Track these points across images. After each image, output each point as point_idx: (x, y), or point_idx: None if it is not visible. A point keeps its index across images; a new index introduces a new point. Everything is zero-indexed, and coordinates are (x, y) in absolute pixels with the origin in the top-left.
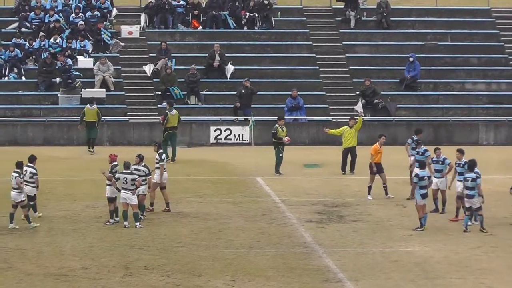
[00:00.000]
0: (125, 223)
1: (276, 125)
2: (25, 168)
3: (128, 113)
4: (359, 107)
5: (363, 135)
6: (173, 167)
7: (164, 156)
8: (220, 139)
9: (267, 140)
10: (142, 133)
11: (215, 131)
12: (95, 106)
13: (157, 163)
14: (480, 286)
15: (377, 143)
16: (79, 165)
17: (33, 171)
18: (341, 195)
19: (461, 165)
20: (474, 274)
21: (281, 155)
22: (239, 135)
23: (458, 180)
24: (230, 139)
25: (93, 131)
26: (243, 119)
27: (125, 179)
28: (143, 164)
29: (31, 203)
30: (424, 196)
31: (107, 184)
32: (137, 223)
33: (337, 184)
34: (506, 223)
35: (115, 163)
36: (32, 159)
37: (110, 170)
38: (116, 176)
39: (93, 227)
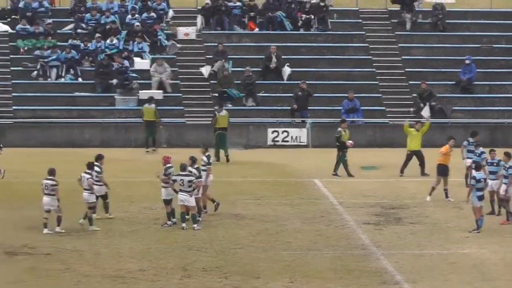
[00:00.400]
0: (183, 225)
1: (339, 129)
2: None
3: (185, 115)
4: (425, 112)
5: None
6: (230, 169)
7: (211, 159)
8: (278, 141)
9: (324, 142)
10: (199, 134)
11: (272, 133)
12: (153, 105)
13: (204, 165)
14: None
15: (447, 145)
16: (137, 166)
17: (98, 169)
18: (398, 197)
19: (506, 168)
20: None
21: (345, 158)
22: (296, 137)
23: (504, 183)
24: (288, 141)
25: (151, 130)
26: (300, 121)
27: (181, 180)
28: (195, 166)
29: (107, 201)
30: (480, 198)
31: (162, 187)
32: (195, 225)
33: (394, 186)
34: None
35: (169, 165)
36: (99, 157)
37: (164, 172)
38: (173, 178)
39: (151, 229)
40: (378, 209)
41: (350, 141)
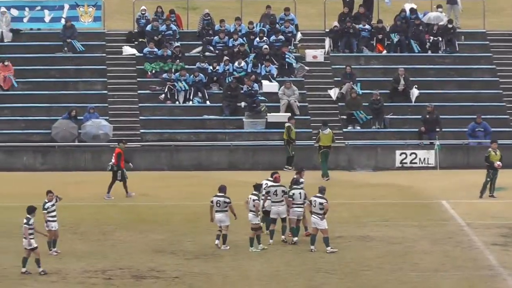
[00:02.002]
0: (312, 247)
1: (489, 149)
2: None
3: (313, 138)
4: None
5: None
6: (359, 191)
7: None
8: (406, 162)
9: (451, 163)
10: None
11: (400, 155)
12: (328, 129)
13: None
14: None
15: None
16: None
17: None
18: None
19: None
20: None
21: (488, 179)
22: (424, 158)
23: None
24: (416, 163)
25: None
26: (428, 143)
27: (315, 202)
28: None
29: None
30: None
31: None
32: (328, 248)
33: None
34: None
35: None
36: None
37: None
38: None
39: (279, 251)
40: (506, 230)
41: (498, 163)
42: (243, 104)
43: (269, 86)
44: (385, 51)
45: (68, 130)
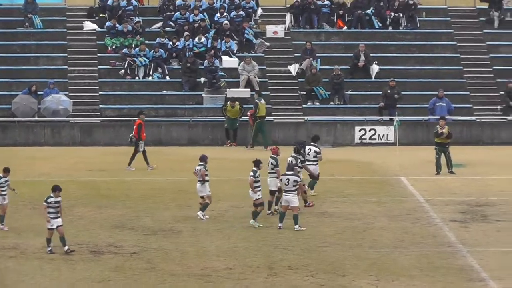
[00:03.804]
0: (280, 224)
1: (437, 126)
2: None
3: (273, 113)
4: None
5: (508, 135)
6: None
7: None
8: (365, 139)
9: (411, 140)
10: (287, 133)
11: (359, 131)
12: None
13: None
14: None
15: None
16: (224, 165)
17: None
18: (484, 194)
19: None
20: None
21: (437, 156)
22: (383, 135)
23: None
24: (375, 139)
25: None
26: (388, 119)
27: (287, 180)
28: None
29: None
30: None
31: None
32: (297, 226)
33: (480, 183)
34: None
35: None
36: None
37: (276, 163)
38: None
39: (237, 227)
40: (465, 206)
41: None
42: (202, 79)
43: (229, 61)
44: (345, 27)
45: (28, 105)
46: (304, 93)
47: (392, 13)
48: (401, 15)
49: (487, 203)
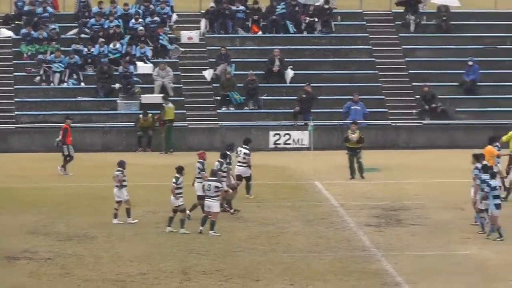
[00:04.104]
0: (201, 228)
1: (349, 130)
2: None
3: (187, 119)
4: None
5: (423, 139)
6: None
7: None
8: (279, 143)
9: (326, 145)
10: (202, 138)
11: (274, 135)
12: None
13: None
14: None
15: (490, 146)
16: (139, 170)
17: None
18: (399, 199)
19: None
20: None
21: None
22: (298, 139)
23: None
24: (289, 144)
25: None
26: (303, 123)
27: (209, 186)
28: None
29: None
30: (498, 206)
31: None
32: (211, 232)
33: (395, 188)
34: None
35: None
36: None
37: (202, 167)
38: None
39: (151, 233)
40: (379, 211)
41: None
42: (117, 85)
43: (143, 67)
44: (260, 32)
45: None
46: (219, 98)
47: (307, 18)
48: (316, 19)
49: (401, 207)
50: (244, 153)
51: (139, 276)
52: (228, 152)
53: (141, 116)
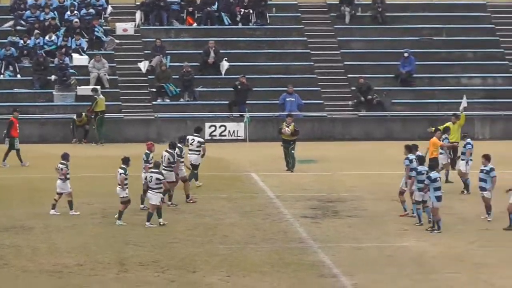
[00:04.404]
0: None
1: (284, 123)
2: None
3: (123, 110)
4: (463, 104)
5: (359, 131)
6: None
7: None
8: (215, 135)
9: (262, 136)
10: (137, 130)
11: (210, 127)
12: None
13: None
14: (476, 281)
15: (435, 138)
16: (75, 162)
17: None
18: (336, 190)
19: (410, 161)
20: (470, 268)
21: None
22: (234, 131)
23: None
24: (225, 135)
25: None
26: (238, 115)
27: (150, 177)
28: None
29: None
30: (439, 198)
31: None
32: (147, 223)
33: (332, 179)
34: (502, 218)
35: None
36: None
37: (146, 158)
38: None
39: (88, 224)
40: (316, 202)
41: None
42: (53, 77)
43: (79, 59)
44: (195, 24)
45: None
46: (154, 90)
47: (242, 10)
48: (251, 11)
49: (338, 199)
50: (199, 141)
51: (76, 267)
52: (180, 145)
53: (75, 118)
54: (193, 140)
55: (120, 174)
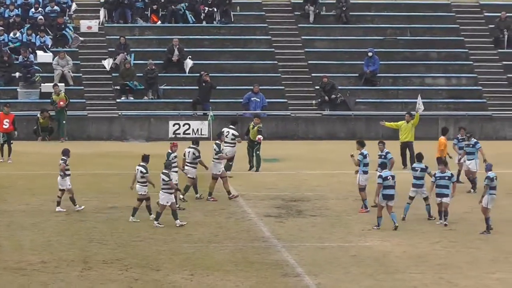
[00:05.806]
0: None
1: (252, 122)
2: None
3: (87, 108)
4: (420, 104)
5: (323, 130)
6: (128, 162)
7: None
8: (179, 133)
9: None
10: (101, 127)
11: (173, 125)
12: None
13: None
14: (439, 281)
15: (443, 137)
16: (39, 159)
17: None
18: (299, 189)
19: (383, 157)
20: (433, 268)
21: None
22: (197, 129)
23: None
24: (189, 134)
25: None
26: (202, 113)
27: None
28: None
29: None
30: (385, 197)
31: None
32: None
33: (295, 178)
34: (466, 218)
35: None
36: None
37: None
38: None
39: (52, 221)
40: (279, 201)
41: (259, 136)
42: (17, 74)
43: (43, 56)
44: (159, 22)
45: None
46: (118, 87)
47: (206, 8)
48: (215, 9)
49: (302, 198)
50: (233, 134)
51: (40, 265)
52: (217, 141)
53: (39, 115)
54: (228, 133)
55: (139, 171)
